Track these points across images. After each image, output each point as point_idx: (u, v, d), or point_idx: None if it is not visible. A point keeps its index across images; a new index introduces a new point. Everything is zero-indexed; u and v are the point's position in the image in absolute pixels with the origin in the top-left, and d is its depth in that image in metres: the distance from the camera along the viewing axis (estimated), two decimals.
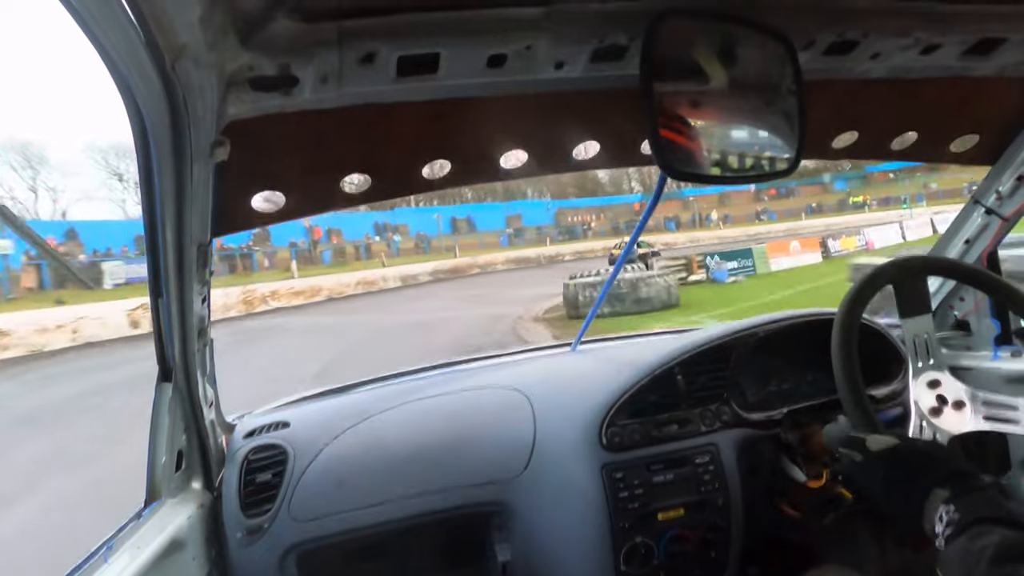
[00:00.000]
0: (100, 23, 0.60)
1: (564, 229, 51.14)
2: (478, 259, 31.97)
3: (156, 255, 0.89)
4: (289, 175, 0.95)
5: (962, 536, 0.69)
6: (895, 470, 0.84)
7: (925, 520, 0.77)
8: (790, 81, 0.86)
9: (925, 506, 0.77)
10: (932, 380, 1.03)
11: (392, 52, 0.75)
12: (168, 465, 1.04)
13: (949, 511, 0.73)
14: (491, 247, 41.06)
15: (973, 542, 0.67)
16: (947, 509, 0.73)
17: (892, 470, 0.84)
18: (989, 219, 1.40)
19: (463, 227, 48.07)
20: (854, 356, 0.99)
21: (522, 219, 50.48)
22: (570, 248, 38.80)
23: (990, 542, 0.65)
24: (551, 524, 1.25)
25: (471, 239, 43.73)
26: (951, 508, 0.73)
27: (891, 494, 0.83)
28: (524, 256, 34.49)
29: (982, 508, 0.72)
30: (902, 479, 0.82)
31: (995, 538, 0.65)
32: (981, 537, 0.66)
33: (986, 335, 1.49)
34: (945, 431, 0.97)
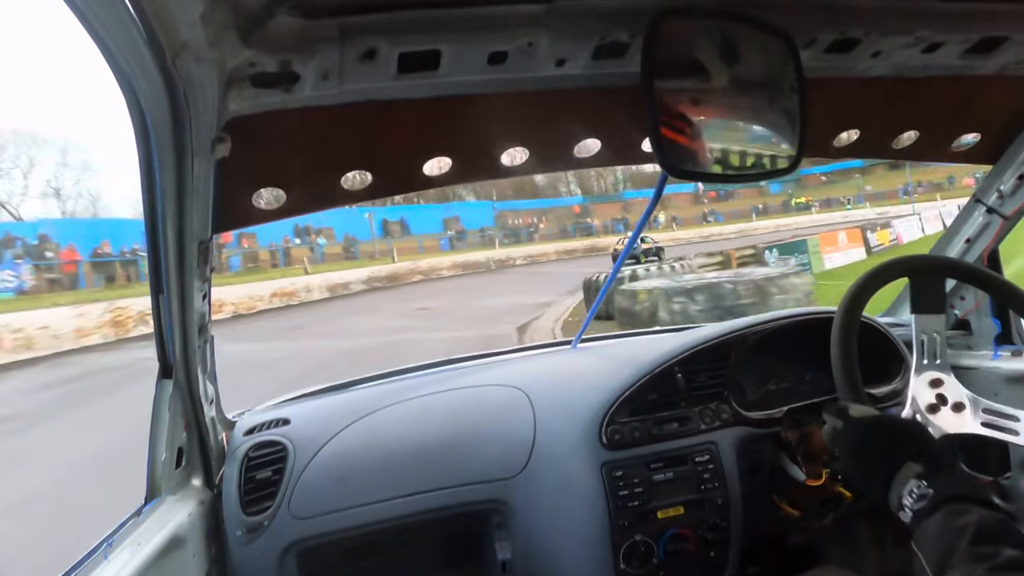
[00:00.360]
0: (102, 20, 0.60)
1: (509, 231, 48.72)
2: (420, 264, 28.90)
3: (157, 252, 0.89)
4: (290, 172, 0.95)
5: (937, 513, 0.68)
6: (871, 438, 0.84)
7: (892, 491, 0.76)
8: (791, 79, 0.86)
9: (895, 477, 0.77)
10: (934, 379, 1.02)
11: (393, 49, 0.75)
12: (168, 462, 1.04)
13: (921, 486, 0.72)
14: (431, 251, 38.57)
15: (951, 520, 0.66)
16: (919, 484, 0.73)
17: (868, 438, 0.84)
18: (990, 218, 1.40)
19: (396, 230, 44.67)
20: (853, 353, 0.99)
21: (460, 221, 48.04)
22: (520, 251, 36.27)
23: (969, 521, 0.65)
24: (551, 522, 1.25)
25: (407, 242, 40.52)
26: (923, 484, 0.73)
27: (863, 462, 0.83)
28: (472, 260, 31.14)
29: (957, 486, 0.72)
30: (877, 448, 0.82)
31: (974, 517, 0.65)
32: (959, 516, 0.66)
33: (987, 334, 1.49)
34: (938, 428, 0.96)
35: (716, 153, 0.89)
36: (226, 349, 1.25)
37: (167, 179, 0.80)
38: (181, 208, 0.85)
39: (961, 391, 1.01)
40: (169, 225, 0.86)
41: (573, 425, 1.28)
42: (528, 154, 1.04)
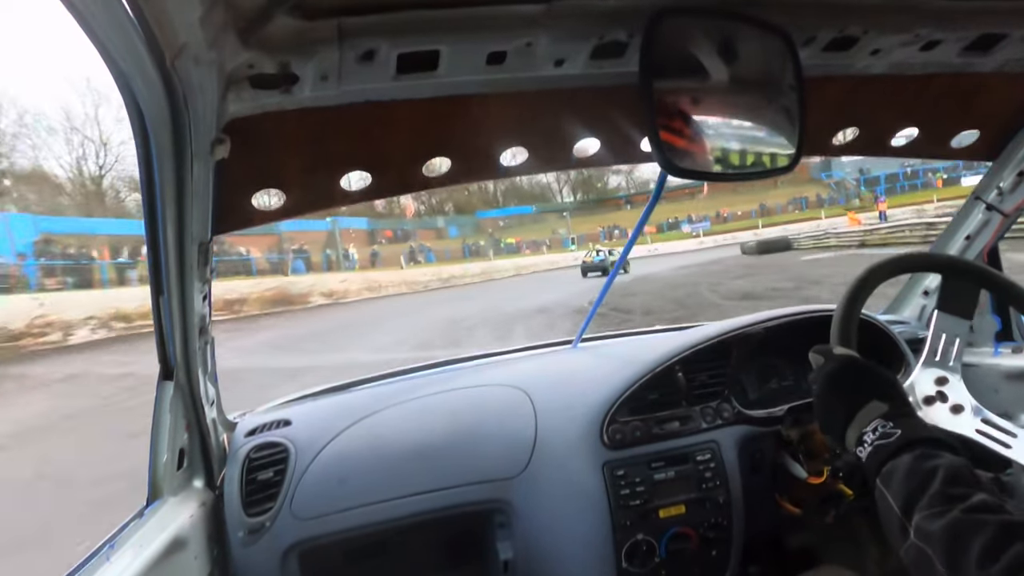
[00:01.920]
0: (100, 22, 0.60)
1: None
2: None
3: (157, 253, 0.89)
4: (289, 173, 0.95)
5: (905, 454, 0.69)
6: (843, 375, 0.84)
7: (852, 427, 0.76)
8: (790, 77, 0.86)
9: (858, 413, 0.77)
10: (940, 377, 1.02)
11: (392, 50, 0.75)
12: (170, 464, 1.04)
13: (886, 425, 0.73)
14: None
15: (920, 462, 0.67)
16: (884, 423, 0.73)
17: (840, 374, 0.84)
18: (990, 215, 1.39)
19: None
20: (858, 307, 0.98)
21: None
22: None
23: (940, 463, 0.65)
24: (552, 522, 1.25)
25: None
26: (889, 424, 0.73)
27: (830, 396, 0.83)
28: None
29: (924, 431, 0.72)
30: (846, 384, 0.82)
31: (944, 461, 0.66)
32: (929, 459, 0.67)
33: (987, 331, 1.49)
34: (931, 421, 0.95)
35: (715, 152, 0.89)
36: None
37: (167, 180, 0.80)
38: (181, 209, 0.85)
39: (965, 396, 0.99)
40: (169, 226, 0.86)
41: (574, 424, 1.28)
42: (527, 154, 1.04)
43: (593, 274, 27.39)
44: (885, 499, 0.68)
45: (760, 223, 50.49)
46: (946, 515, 0.60)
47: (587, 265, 28.52)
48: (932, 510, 0.62)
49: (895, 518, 0.65)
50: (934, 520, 0.61)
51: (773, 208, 57.98)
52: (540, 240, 59.05)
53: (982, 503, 0.60)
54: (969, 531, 0.58)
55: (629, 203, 68.64)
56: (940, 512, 0.61)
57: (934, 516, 0.61)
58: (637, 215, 2.26)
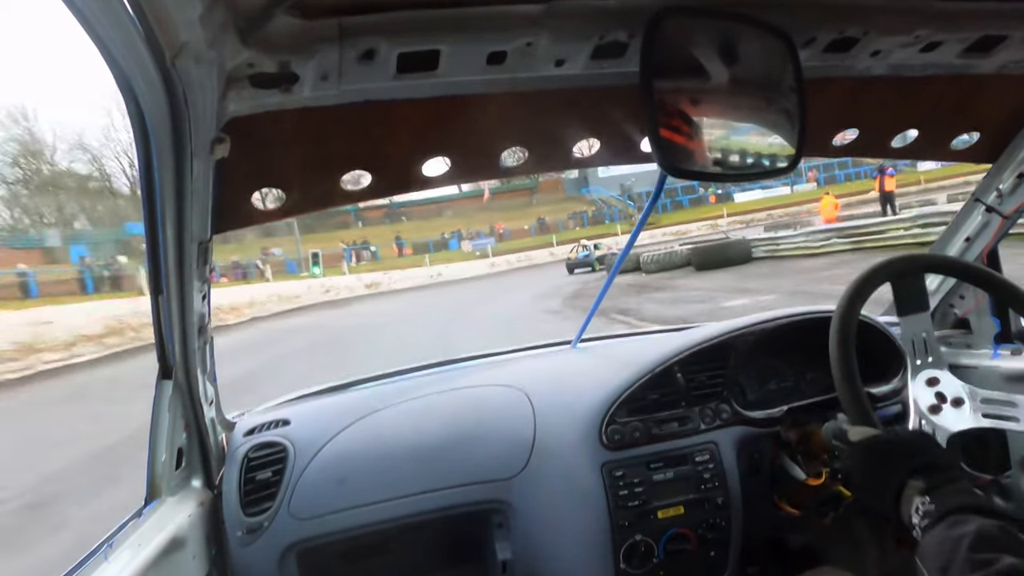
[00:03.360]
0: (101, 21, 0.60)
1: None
2: None
3: (156, 252, 0.89)
4: (289, 172, 0.95)
5: (939, 525, 0.68)
6: (872, 460, 0.84)
7: (902, 512, 0.76)
8: (791, 79, 0.86)
9: (902, 497, 0.77)
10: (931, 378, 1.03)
11: (392, 49, 0.75)
12: (168, 463, 1.04)
13: (925, 502, 0.73)
14: None
15: (951, 530, 0.66)
16: (923, 500, 0.73)
17: (869, 460, 0.84)
18: (989, 217, 1.40)
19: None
20: (852, 353, 0.99)
21: None
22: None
23: (968, 530, 0.65)
24: (551, 522, 1.25)
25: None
26: (927, 499, 0.73)
27: (867, 484, 0.84)
28: None
29: (957, 497, 0.72)
30: (878, 469, 0.82)
31: (972, 526, 0.65)
32: (958, 526, 0.66)
33: (986, 333, 1.49)
34: (944, 428, 0.97)
35: (715, 153, 0.89)
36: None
37: (166, 180, 0.80)
38: (180, 209, 0.85)
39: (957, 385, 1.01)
40: (168, 226, 0.86)
41: (573, 425, 1.28)
42: (527, 154, 1.04)
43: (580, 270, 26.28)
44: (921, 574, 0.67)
45: (555, 239, 44.32)
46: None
47: (572, 262, 27.27)
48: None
49: None
50: None
51: (553, 224, 51.78)
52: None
53: (1010, 568, 0.59)
54: None
55: (361, 220, 54.16)
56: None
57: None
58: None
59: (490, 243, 47.47)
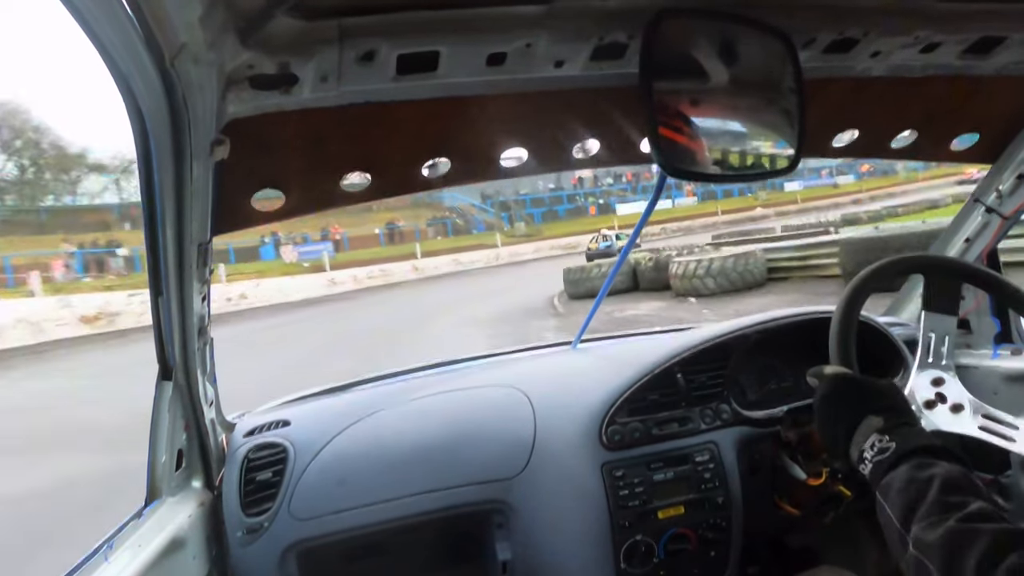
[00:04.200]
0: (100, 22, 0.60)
1: None
2: None
3: (156, 253, 0.89)
4: (289, 174, 0.95)
5: (902, 465, 0.68)
6: (837, 393, 0.84)
7: (853, 445, 0.77)
8: (790, 79, 0.86)
9: (856, 430, 0.77)
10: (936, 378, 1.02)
11: (392, 50, 0.75)
12: (168, 464, 1.04)
13: (883, 440, 0.73)
14: None
15: (917, 472, 0.66)
16: (880, 438, 0.73)
17: (835, 393, 0.84)
18: (989, 217, 1.40)
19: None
20: (852, 353, 0.98)
21: None
22: None
23: (936, 472, 0.65)
24: (551, 522, 1.25)
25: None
26: (885, 437, 0.73)
27: (827, 416, 0.84)
28: None
29: (920, 439, 0.72)
30: (841, 403, 0.83)
31: (940, 469, 0.66)
32: (925, 468, 0.66)
33: (986, 333, 1.49)
34: (932, 423, 0.96)
35: (715, 153, 0.89)
36: None
37: (166, 181, 0.80)
38: (180, 210, 0.85)
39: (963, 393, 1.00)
40: (168, 227, 0.86)
41: (573, 425, 1.28)
42: (527, 155, 1.04)
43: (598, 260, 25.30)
44: (885, 512, 0.68)
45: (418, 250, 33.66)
46: (943, 525, 0.60)
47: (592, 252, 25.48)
48: (929, 520, 0.61)
49: (895, 530, 0.65)
50: (931, 530, 0.60)
51: (409, 232, 40.84)
52: None
53: (979, 511, 0.60)
54: (966, 541, 0.57)
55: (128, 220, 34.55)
56: (937, 522, 0.61)
57: (931, 526, 0.61)
58: None
59: (325, 251, 34.12)
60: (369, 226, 40.59)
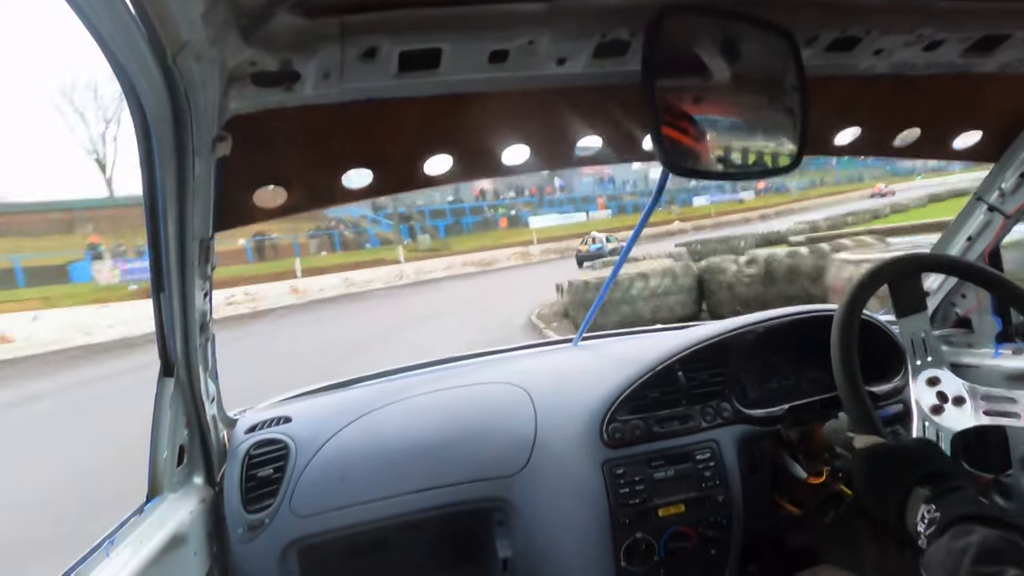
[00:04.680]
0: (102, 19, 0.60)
1: None
2: None
3: (158, 250, 0.89)
4: (291, 170, 0.95)
5: (944, 536, 0.68)
6: (877, 469, 0.84)
7: (907, 520, 0.76)
8: (793, 77, 0.86)
9: (907, 505, 0.76)
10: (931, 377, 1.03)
11: (394, 47, 0.75)
12: (170, 460, 1.04)
13: (931, 510, 0.72)
14: None
15: (955, 541, 0.66)
16: (928, 508, 0.73)
17: (874, 469, 0.84)
18: (991, 216, 1.39)
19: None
20: (854, 353, 0.99)
21: None
22: None
23: (972, 541, 0.64)
24: (552, 520, 1.25)
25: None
26: (932, 508, 0.72)
27: (873, 493, 0.84)
28: None
29: (962, 507, 0.71)
30: (883, 478, 0.82)
31: (976, 537, 0.65)
32: (963, 536, 0.66)
33: (987, 332, 1.49)
34: (947, 428, 0.97)
35: (718, 151, 0.89)
36: None
37: (168, 177, 0.80)
38: (182, 206, 0.85)
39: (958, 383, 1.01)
40: (170, 223, 0.86)
41: (574, 423, 1.28)
42: (529, 152, 1.04)
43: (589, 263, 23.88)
44: None
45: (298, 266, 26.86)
46: None
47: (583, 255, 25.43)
48: None
49: None
50: None
51: (284, 246, 33.46)
52: None
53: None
54: None
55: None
56: None
57: None
58: None
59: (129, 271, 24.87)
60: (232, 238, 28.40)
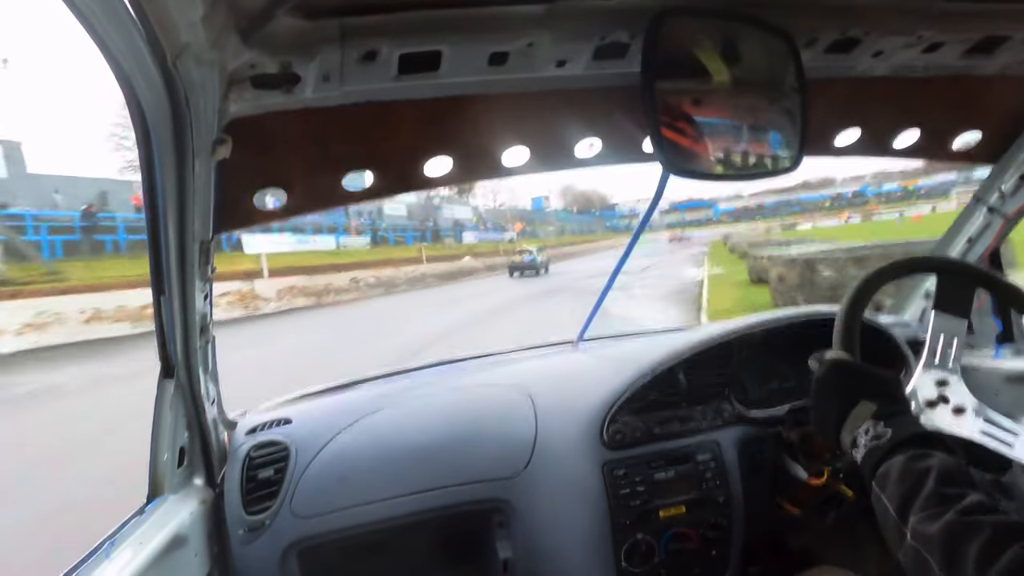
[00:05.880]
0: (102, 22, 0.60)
1: None
2: None
3: (158, 252, 0.89)
4: (291, 172, 0.95)
5: (898, 455, 0.68)
6: (834, 377, 0.84)
7: (845, 429, 0.76)
8: (792, 79, 0.86)
9: (850, 415, 0.76)
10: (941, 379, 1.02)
11: (394, 50, 0.75)
12: (170, 462, 1.04)
13: (878, 425, 0.72)
14: None
15: (914, 462, 0.66)
16: (875, 423, 0.73)
17: (832, 377, 0.84)
18: (991, 217, 1.39)
19: None
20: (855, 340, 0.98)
21: None
22: None
23: (932, 463, 0.65)
24: (552, 521, 1.25)
25: None
26: (880, 423, 0.72)
27: (822, 399, 0.83)
28: None
29: (915, 428, 0.72)
30: (837, 386, 0.82)
31: (936, 460, 0.65)
32: (922, 459, 0.66)
33: (988, 334, 1.49)
34: (933, 423, 0.96)
35: (718, 153, 0.89)
36: None
37: (168, 180, 0.80)
38: (182, 208, 0.85)
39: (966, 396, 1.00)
40: (170, 225, 0.86)
41: (575, 424, 1.28)
42: (529, 154, 1.04)
43: (519, 273, 26.11)
44: (881, 501, 0.67)
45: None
46: (941, 517, 0.60)
47: (516, 264, 26.98)
48: (927, 512, 0.62)
49: (891, 521, 0.65)
50: (930, 523, 0.61)
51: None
52: None
53: (977, 504, 0.60)
54: (965, 534, 0.57)
55: None
56: (935, 514, 0.61)
57: (929, 518, 0.61)
58: None
59: None
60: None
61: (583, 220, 69.19)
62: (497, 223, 48.40)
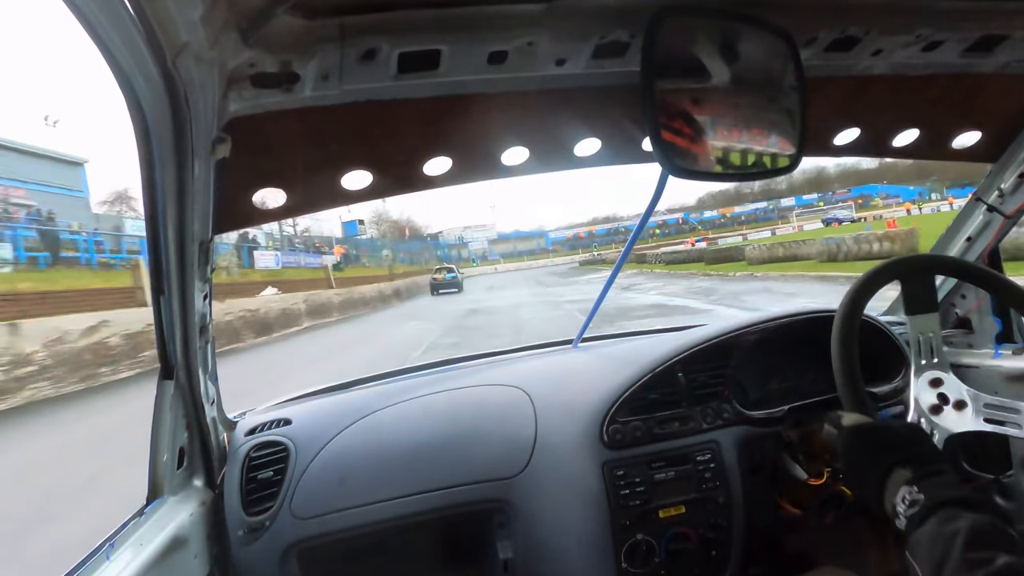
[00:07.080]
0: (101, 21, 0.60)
1: None
2: None
3: (157, 252, 0.89)
4: (290, 172, 0.95)
5: (930, 520, 0.68)
6: (861, 446, 0.84)
7: (886, 499, 0.76)
8: (792, 78, 0.86)
9: (887, 485, 0.76)
10: (934, 379, 1.03)
11: (393, 49, 0.75)
12: (170, 463, 1.04)
13: (912, 492, 0.72)
14: None
15: (943, 526, 0.66)
16: (910, 490, 0.72)
17: (858, 444, 0.84)
18: (991, 216, 1.39)
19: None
20: (854, 353, 0.99)
21: None
22: None
23: (961, 526, 0.64)
24: (552, 521, 1.25)
25: None
26: (914, 489, 0.72)
27: (856, 471, 0.83)
28: None
29: (947, 491, 0.71)
30: (866, 455, 0.82)
31: (965, 522, 0.64)
32: (951, 521, 0.65)
33: (988, 333, 1.49)
34: (944, 429, 0.97)
35: (717, 152, 0.89)
36: None
37: (167, 179, 0.80)
38: (182, 208, 0.85)
39: (961, 388, 1.01)
40: (170, 225, 0.86)
41: (574, 424, 1.28)
42: (528, 154, 1.04)
43: (442, 291, 27.95)
44: (913, 569, 0.66)
45: None
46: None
47: (438, 283, 28.63)
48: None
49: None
50: None
51: None
52: None
53: (1006, 567, 0.59)
54: None
55: None
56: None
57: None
58: None
59: None
60: None
61: (412, 248, 65.79)
62: (312, 245, 41.97)
